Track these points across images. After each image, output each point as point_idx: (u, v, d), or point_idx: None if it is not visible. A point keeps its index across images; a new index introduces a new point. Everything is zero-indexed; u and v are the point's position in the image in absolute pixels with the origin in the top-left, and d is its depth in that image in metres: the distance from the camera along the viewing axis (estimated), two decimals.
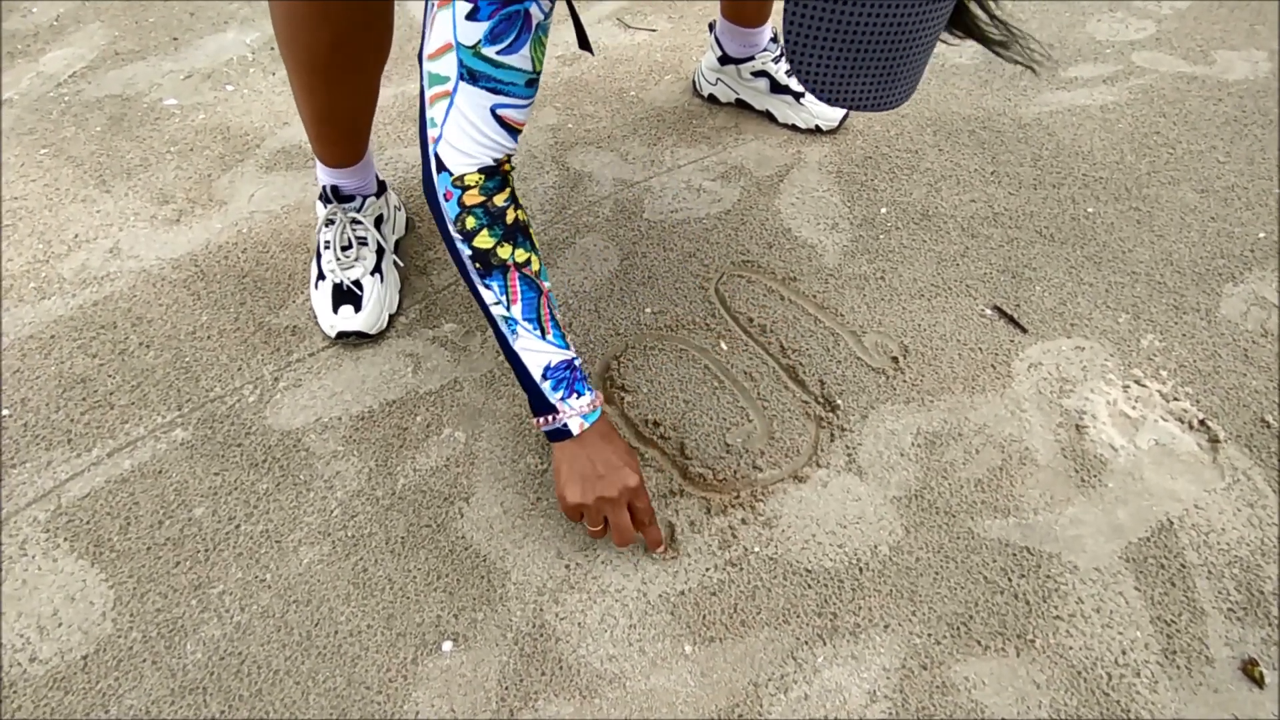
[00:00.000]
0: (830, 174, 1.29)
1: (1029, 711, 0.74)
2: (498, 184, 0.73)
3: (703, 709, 0.74)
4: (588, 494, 0.78)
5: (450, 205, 0.73)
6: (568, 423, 0.78)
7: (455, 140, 0.71)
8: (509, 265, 0.75)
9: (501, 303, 0.76)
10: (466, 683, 0.76)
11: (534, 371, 0.77)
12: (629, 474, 0.79)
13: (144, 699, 0.75)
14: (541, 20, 0.68)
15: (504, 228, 0.74)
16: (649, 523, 0.81)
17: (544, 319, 0.77)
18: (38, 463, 0.93)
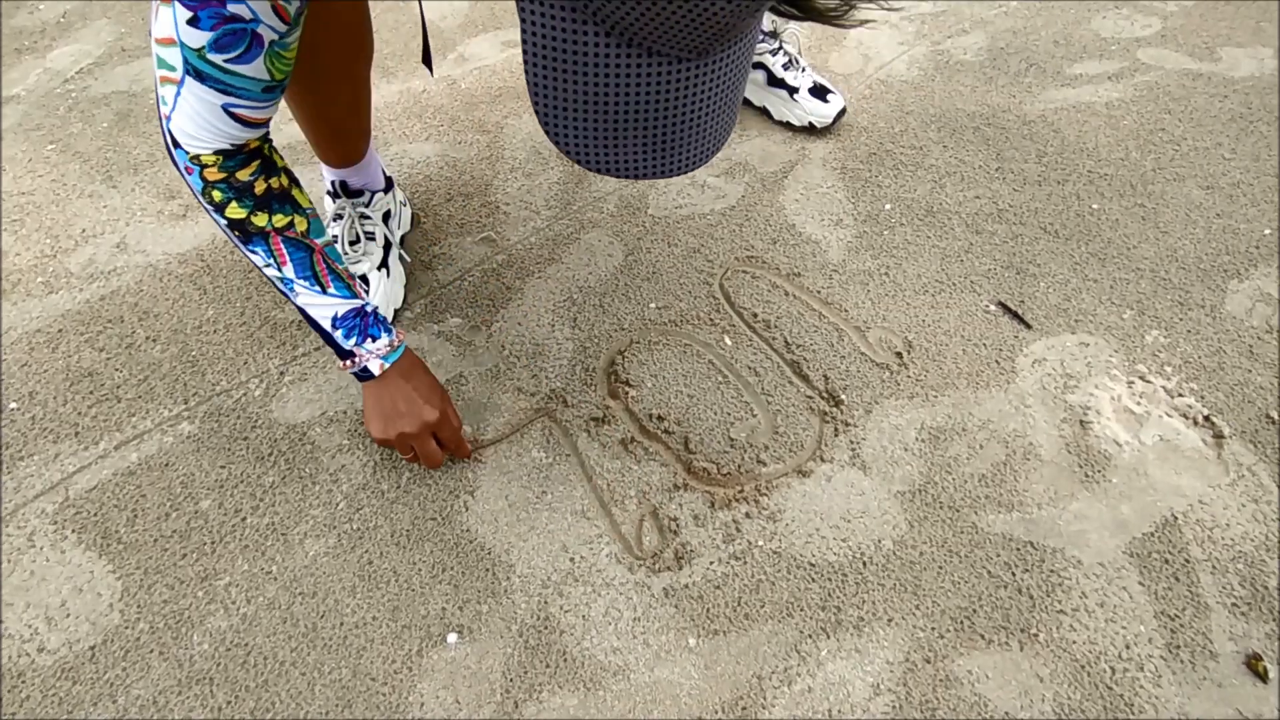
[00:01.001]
0: (834, 170, 1.29)
1: (1032, 705, 0.74)
2: (239, 161, 0.70)
3: (706, 702, 0.74)
4: (389, 430, 0.84)
5: (193, 179, 0.70)
6: (367, 365, 0.82)
7: (185, 126, 0.67)
8: (268, 231, 0.74)
9: (272, 264, 0.76)
10: (471, 674, 0.76)
11: (323, 323, 0.80)
12: (427, 409, 0.84)
13: (151, 689, 0.76)
14: (277, 39, 0.63)
15: (254, 198, 0.72)
16: (454, 446, 0.88)
17: (321, 274, 0.78)
18: (45, 455, 0.93)
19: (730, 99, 0.56)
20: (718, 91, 0.54)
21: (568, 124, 0.54)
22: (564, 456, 0.92)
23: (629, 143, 0.54)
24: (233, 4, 0.59)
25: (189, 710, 0.75)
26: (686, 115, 0.54)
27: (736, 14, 0.46)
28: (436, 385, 0.88)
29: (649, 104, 0.52)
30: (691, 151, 0.57)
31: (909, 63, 1.51)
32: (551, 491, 0.89)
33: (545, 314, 1.07)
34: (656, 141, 0.55)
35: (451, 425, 0.87)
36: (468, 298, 1.09)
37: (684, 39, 0.48)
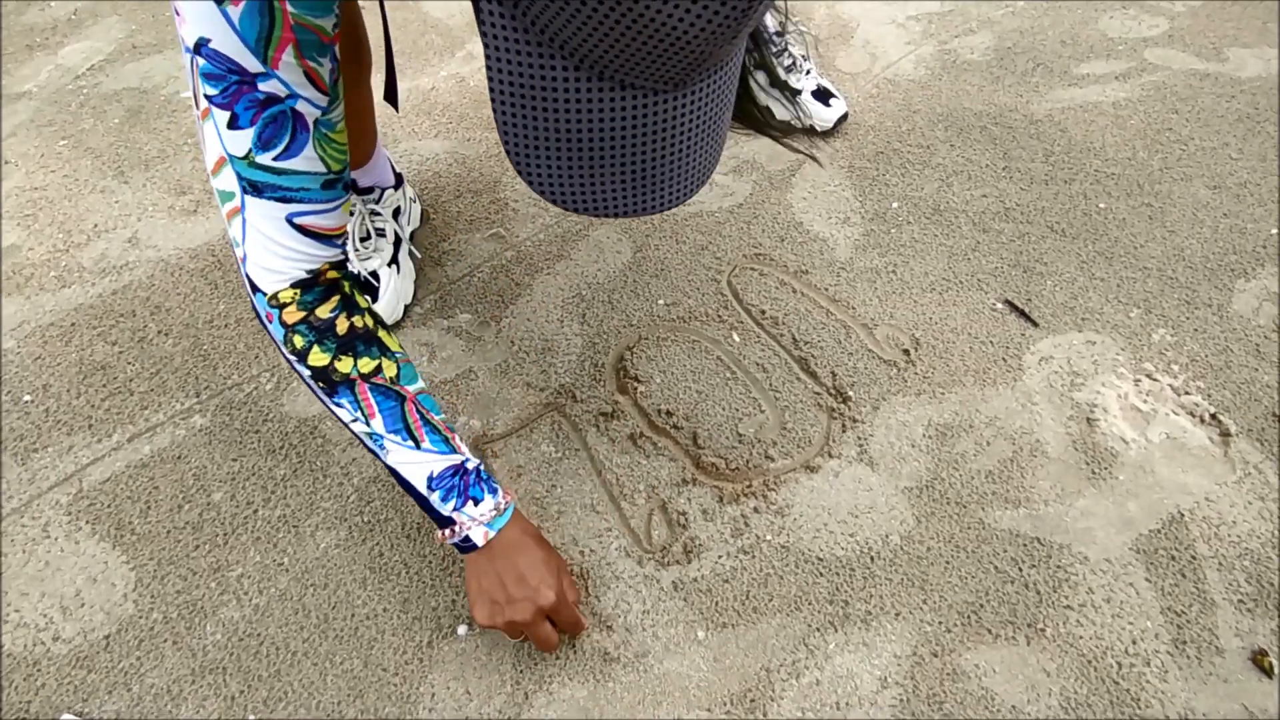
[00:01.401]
0: (842, 169, 1.29)
1: (1039, 699, 0.75)
2: (318, 295, 0.66)
3: (715, 694, 0.75)
4: (496, 618, 0.71)
5: (275, 327, 0.66)
6: (469, 534, 0.71)
7: (259, 259, 0.63)
8: (353, 378, 0.67)
9: (359, 419, 0.68)
10: (481, 665, 0.77)
11: (418, 485, 0.70)
12: (543, 591, 0.71)
13: (165, 678, 0.77)
14: (320, 115, 0.59)
15: (336, 340, 0.66)
16: (571, 630, 0.76)
17: (414, 426, 0.69)
18: (59, 447, 0.94)
19: (714, 130, 0.53)
20: (699, 123, 0.51)
21: (540, 162, 0.51)
22: (573, 451, 0.93)
23: (606, 180, 0.52)
24: (264, 82, 0.55)
25: (203, 699, 0.75)
26: (667, 150, 0.51)
27: (710, 42, 0.43)
28: (553, 557, 0.75)
29: (625, 139, 0.49)
30: (674, 187, 0.54)
31: (916, 62, 1.52)
32: (561, 485, 0.90)
33: (554, 310, 1.07)
34: (635, 178, 0.52)
35: (569, 607, 0.74)
36: (477, 293, 1.09)
37: (657, 71, 0.45)
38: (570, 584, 0.76)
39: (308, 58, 0.56)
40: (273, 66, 0.55)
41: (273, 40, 0.54)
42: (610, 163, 0.50)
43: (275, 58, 0.55)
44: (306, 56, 0.56)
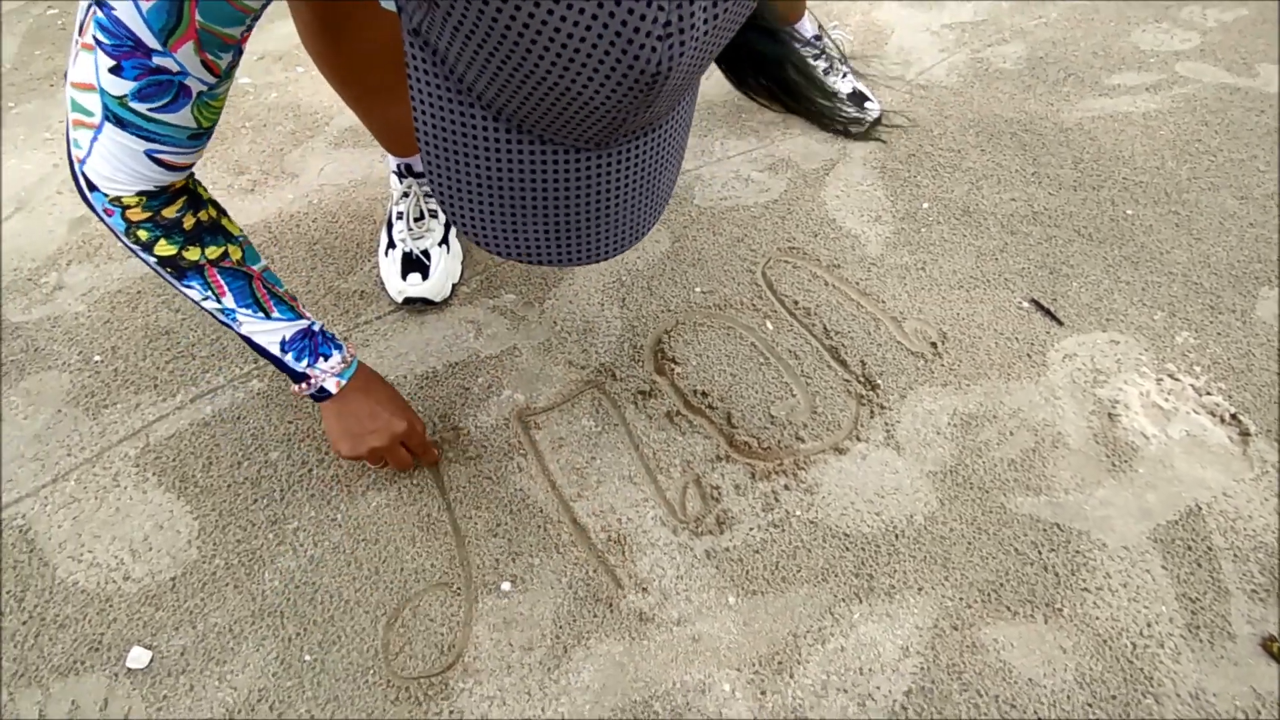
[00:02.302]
0: (874, 169, 1.33)
1: (1055, 674, 0.78)
2: (164, 200, 0.67)
3: (744, 654, 0.79)
4: (359, 447, 0.83)
5: (115, 220, 0.66)
6: (324, 385, 0.81)
7: (101, 169, 0.63)
8: (202, 264, 0.71)
9: (210, 297, 0.73)
10: (524, 619, 0.81)
11: (272, 349, 0.78)
12: (395, 420, 0.84)
13: (227, 618, 0.82)
14: (206, 89, 0.60)
15: (183, 233, 0.69)
16: (423, 453, 0.89)
17: (262, 300, 0.76)
18: (128, 404, 1.00)
19: (646, 190, 0.52)
20: (627, 182, 0.50)
21: (464, 206, 0.51)
22: (612, 426, 0.97)
23: (528, 229, 0.51)
24: (159, 58, 0.55)
25: (261, 639, 0.80)
26: (589, 206, 0.50)
27: (618, 111, 0.42)
28: (396, 394, 0.88)
29: (544, 192, 0.48)
30: (601, 241, 0.53)
31: (949, 69, 1.55)
32: (600, 457, 0.94)
33: (595, 294, 1.12)
34: (559, 230, 0.51)
35: (418, 433, 0.87)
36: (521, 275, 1.14)
37: (573, 131, 0.44)
38: (415, 416, 0.88)
39: (208, 52, 0.57)
40: (170, 50, 0.55)
41: (175, 33, 0.54)
42: (531, 213, 0.50)
43: (175, 46, 0.55)
44: (206, 51, 0.57)
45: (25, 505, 0.90)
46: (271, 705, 0.76)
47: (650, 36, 0.38)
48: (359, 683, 0.78)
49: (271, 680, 0.78)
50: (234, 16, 0.56)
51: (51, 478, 0.93)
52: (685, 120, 0.52)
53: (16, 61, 1.55)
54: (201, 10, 0.54)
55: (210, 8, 0.54)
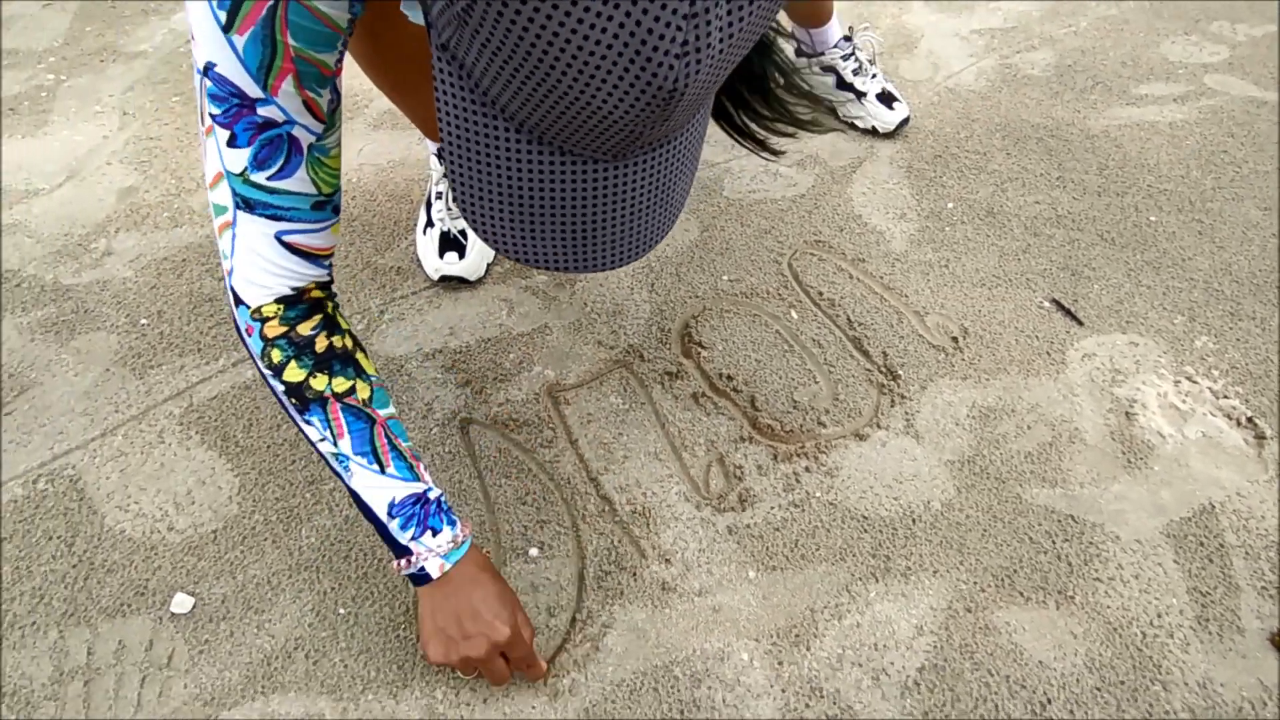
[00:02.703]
0: (901, 169, 1.35)
1: (1065, 657, 0.80)
2: (302, 312, 0.67)
3: (763, 626, 0.82)
4: (450, 654, 0.71)
5: (253, 340, 0.67)
6: (424, 565, 0.71)
7: (246, 272, 0.65)
8: (327, 397, 0.68)
9: (327, 439, 0.69)
10: (551, 585, 0.84)
11: (378, 510, 0.70)
12: (497, 626, 0.71)
13: (265, 570, 0.85)
14: (315, 141, 0.62)
15: (314, 357, 0.68)
16: (526, 666, 0.75)
17: (381, 450, 0.70)
18: (172, 366, 1.03)
19: (661, 200, 0.54)
20: (642, 193, 0.51)
21: (484, 211, 0.52)
22: (639, 404, 1.00)
23: (545, 236, 0.52)
24: (263, 107, 0.58)
25: (298, 591, 0.84)
26: (606, 215, 0.51)
27: (636, 124, 0.43)
28: (507, 593, 0.75)
29: (564, 202, 0.50)
30: (616, 250, 0.54)
31: (977, 74, 1.57)
32: (627, 434, 0.97)
33: (625, 278, 1.15)
34: (575, 238, 0.52)
35: (524, 643, 0.73)
36: None
37: (592, 143, 0.46)
38: (525, 620, 0.75)
39: (307, 88, 0.59)
40: (272, 93, 0.58)
41: (273, 69, 0.57)
42: (549, 221, 0.51)
43: (275, 85, 0.57)
44: (306, 87, 0.59)
45: (75, 457, 0.94)
46: (307, 654, 0.79)
47: (668, 55, 0.39)
48: (390, 636, 0.81)
49: (307, 630, 0.81)
50: (324, 35, 0.57)
51: (100, 432, 0.97)
52: (700, 132, 0.53)
53: (68, 37, 1.59)
54: (292, 31, 0.56)
55: (300, 28, 0.56)
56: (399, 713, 0.76)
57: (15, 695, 0.76)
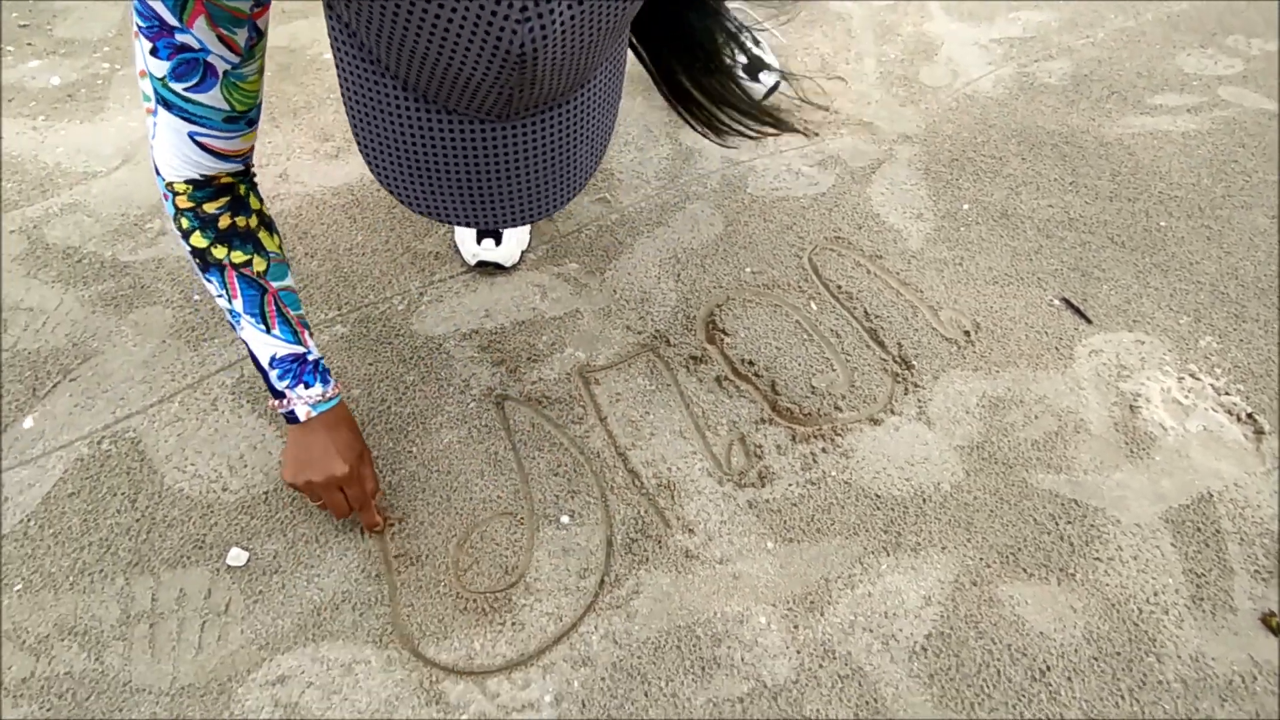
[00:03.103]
0: (918, 170, 1.40)
1: (1064, 629, 0.85)
2: (209, 194, 0.74)
3: (780, 593, 0.87)
4: (297, 476, 0.84)
5: (169, 205, 0.74)
6: (294, 409, 0.83)
7: (161, 154, 0.71)
8: (225, 265, 0.77)
9: (223, 296, 0.79)
10: (580, 550, 0.90)
11: (262, 360, 0.81)
12: (338, 463, 0.83)
13: (313, 529, 0.91)
14: (230, 69, 0.65)
15: (215, 231, 0.75)
16: (361, 507, 0.88)
17: (269, 316, 0.80)
18: (224, 340, 1.10)
19: (560, 162, 0.55)
20: (536, 155, 0.53)
21: (386, 165, 0.55)
22: (665, 386, 1.05)
23: (442, 191, 0.54)
24: (180, 34, 0.61)
25: (344, 549, 0.90)
26: (499, 174, 0.53)
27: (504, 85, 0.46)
28: (357, 443, 0.88)
29: (454, 159, 0.52)
30: (514, 208, 0.56)
31: (995, 81, 1.62)
32: (653, 413, 1.02)
33: (652, 268, 1.20)
34: (471, 194, 0.54)
35: (361, 485, 0.87)
36: (585, 247, 1.23)
37: (469, 102, 0.48)
38: (371, 475, 0.88)
39: (220, 26, 0.62)
40: (187, 25, 0.61)
41: (185, 9, 0.60)
42: (444, 177, 0.53)
43: (189, 20, 0.61)
44: (219, 25, 0.62)
45: (135, 421, 1.00)
46: (354, 606, 0.85)
47: (509, 20, 0.41)
48: (431, 593, 0.86)
49: (354, 585, 0.87)
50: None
51: (158, 398, 1.03)
52: (605, 98, 0.55)
53: (120, 28, 1.67)
54: None
55: None
56: (440, 659, 0.81)
57: (86, 634, 0.83)
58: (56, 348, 1.08)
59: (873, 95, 1.57)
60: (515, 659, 0.82)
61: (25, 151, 1.36)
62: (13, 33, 1.62)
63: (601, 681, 0.80)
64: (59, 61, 1.56)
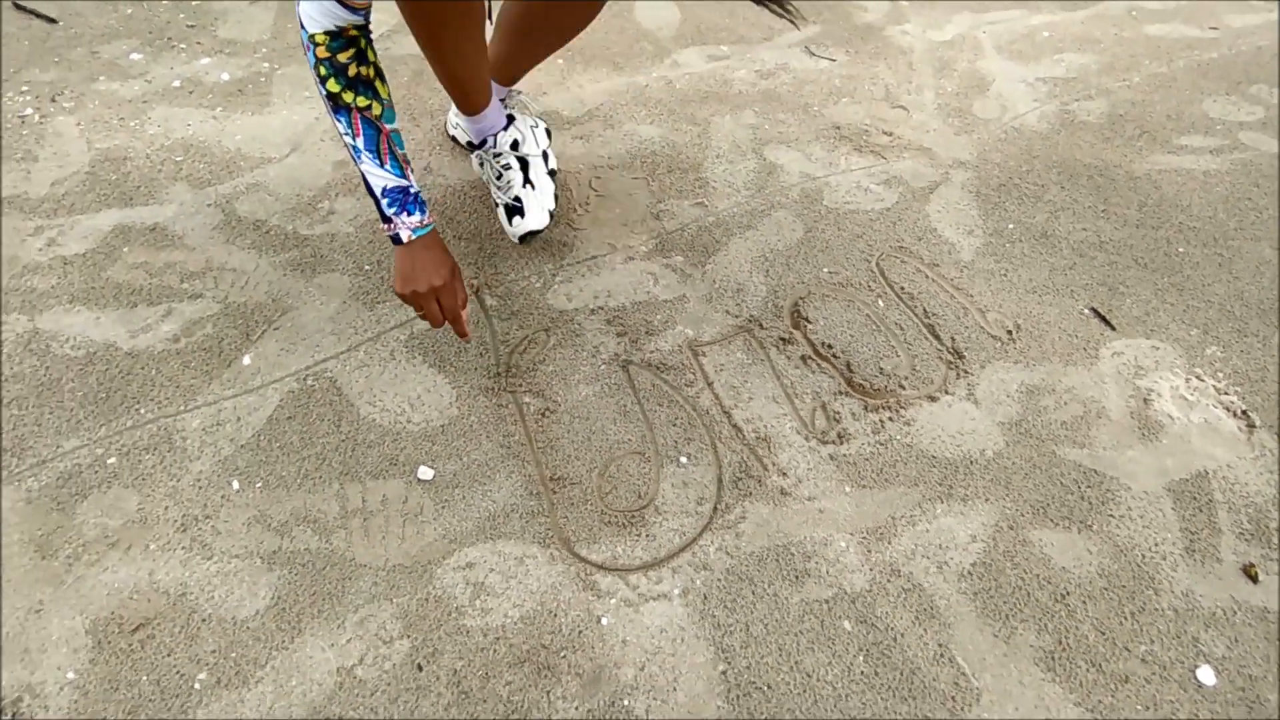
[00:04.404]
0: (970, 193, 1.62)
1: (1081, 565, 1.06)
2: (341, 44, 0.95)
3: (855, 525, 1.09)
4: (405, 286, 1.07)
5: (310, 55, 0.96)
6: (399, 232, 1.06)
7: (307, 9, 0.93)
8: (352, 107, 0.99)
9: (349, 134, 1.01)
10: (697, 483, 1.13)
11: (375, 188, 1.04)
12: (436, 275, 1.07)
13: (483, 456, 1.14)
14: None
15: (346, 79, 0.97)
16: (453, 318, 1.11)
17: (382, 152, 1.02)
18: (394, 303, 1.33)
19: None
20: None
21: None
22: (760, 361, 1.28)
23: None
24: None
25: (510, 472, 1.13)
26: None
27: None
28: (449, 260, 1.11)
29: None
30: None
31: (1039, 117, 1.83)
32: (751, 382, 1.25)
33: (745, 264, 1.43)
34: None
35: (453, 295, 1.10)
36: (687, 243, 1.46)
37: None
38: (461, 288, 1.11)
39: None
40: None
41: None
42: None
43: None
44: None
45: (330, 364, 1.24)
46: (520, 515, 1.08)
47: None
48: (581, 509, 1.09)
49: (519, 499, 1.10)
50: None
51: (346, 347, 1.26)
52: None
53: (274, 31, 1.91)
54: None
55: None
56: (591, 557, 1.04)
57: (315, 523, 1.06)
58: (259, 302, 1.32)
59: (931, 124, 1.79)
60: (649, 561, 1.05)
61: (210, 137, 1.61)
62: (182, 32, 1.87)
63: (718, 581, 1.03)
64: (226, 60, 1.81)
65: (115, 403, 1.17)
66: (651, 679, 0.95)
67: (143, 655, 0.94)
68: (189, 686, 0.92)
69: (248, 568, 1.02)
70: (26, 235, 1.39)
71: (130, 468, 1.10)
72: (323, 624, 0.98)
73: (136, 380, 1.20)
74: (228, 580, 1.01)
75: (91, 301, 1.30)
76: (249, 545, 1.04)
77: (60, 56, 1.77)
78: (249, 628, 0.97)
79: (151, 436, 1.14)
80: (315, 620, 0.98)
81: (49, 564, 1.01)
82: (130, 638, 0.96)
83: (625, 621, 0.99)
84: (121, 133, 1.60)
